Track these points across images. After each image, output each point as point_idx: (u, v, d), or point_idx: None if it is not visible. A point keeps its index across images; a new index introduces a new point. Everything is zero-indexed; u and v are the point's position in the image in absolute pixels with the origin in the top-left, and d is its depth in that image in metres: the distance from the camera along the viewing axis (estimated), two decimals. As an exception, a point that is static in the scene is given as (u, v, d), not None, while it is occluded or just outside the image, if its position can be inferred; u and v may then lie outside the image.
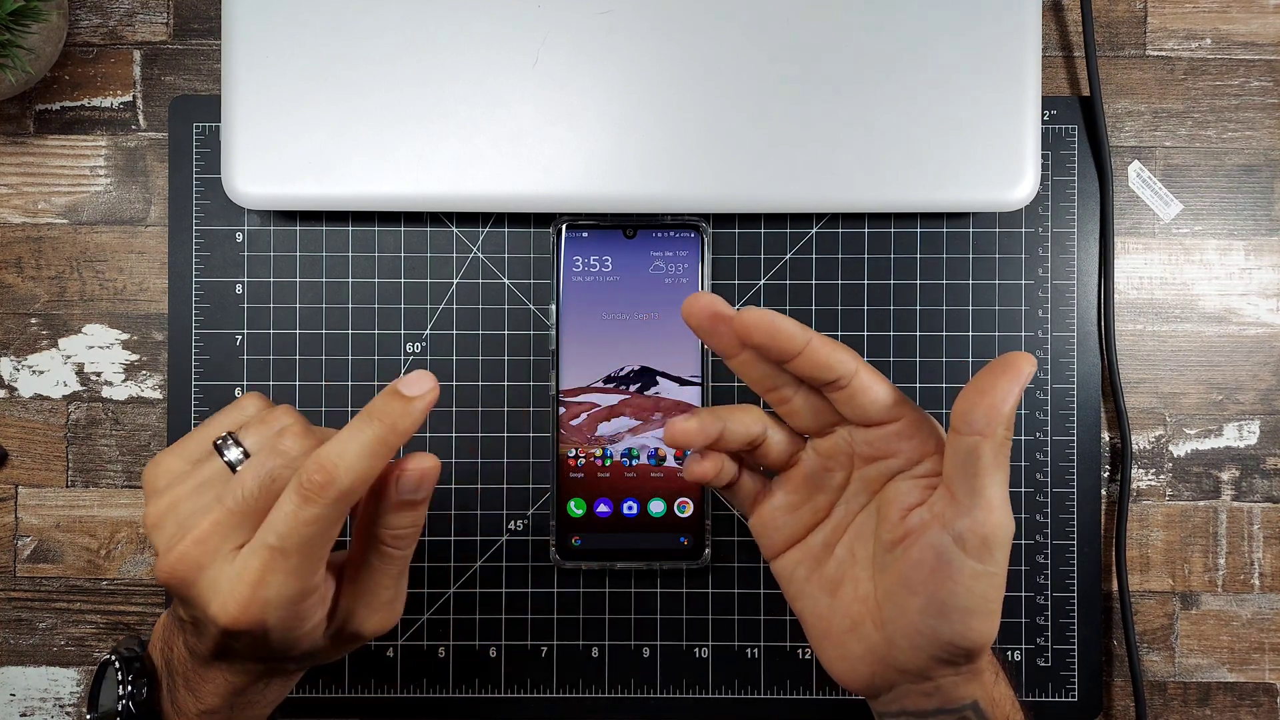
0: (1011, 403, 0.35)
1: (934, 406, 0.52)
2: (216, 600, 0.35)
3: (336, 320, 0.52)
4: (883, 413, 0.37)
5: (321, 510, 0.34)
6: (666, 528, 0.50)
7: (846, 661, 0.39)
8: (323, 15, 0.48)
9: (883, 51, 0.48)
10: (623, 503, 0.50)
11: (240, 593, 0.34)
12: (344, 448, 0.34)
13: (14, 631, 0.53)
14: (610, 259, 0.51)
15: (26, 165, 0.53)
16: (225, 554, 0.35)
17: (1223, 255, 0.53)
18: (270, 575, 0.34)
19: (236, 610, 0.35)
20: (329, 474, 0.34)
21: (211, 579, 0.35)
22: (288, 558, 0.34)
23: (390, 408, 0.35)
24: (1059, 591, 0.52)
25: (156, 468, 0.37)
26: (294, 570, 0.34)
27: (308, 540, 0.34)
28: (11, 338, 0.53)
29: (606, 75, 0.48)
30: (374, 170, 0.48)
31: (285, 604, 0.35)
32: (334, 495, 0.34)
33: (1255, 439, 0.53)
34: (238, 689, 0.39)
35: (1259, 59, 0.53)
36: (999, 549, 0.36)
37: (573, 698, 0.52)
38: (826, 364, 0.36)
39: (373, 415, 0.35)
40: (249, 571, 0.34)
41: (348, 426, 0.35)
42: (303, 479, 0.34)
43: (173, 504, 0.36)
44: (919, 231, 0.52)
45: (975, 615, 0.36)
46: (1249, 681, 0.53)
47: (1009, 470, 0.36)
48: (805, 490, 0.40)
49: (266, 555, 0.34)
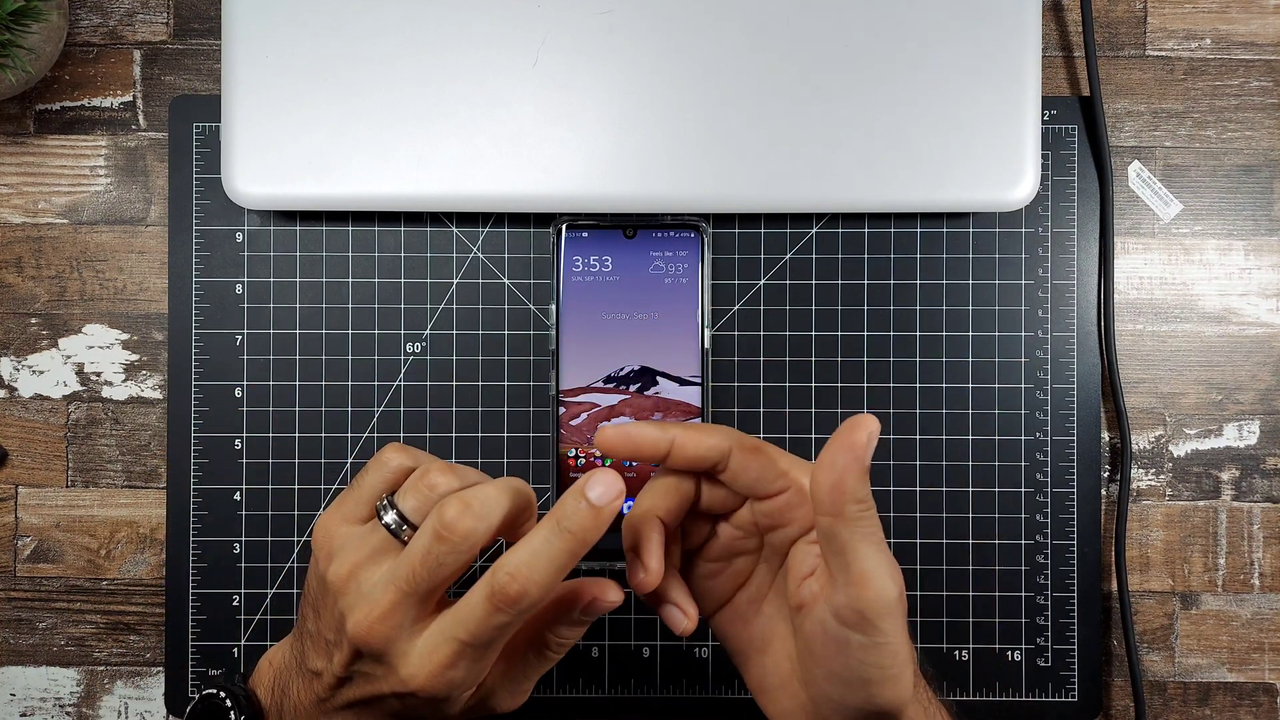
0: (852, 479, 0.35)
1: (934, 406, 0.52)
2: (407, 669, 0.37)
3: (336, 320, 0.52)
4: (768, 486, 0.38)
5: (511, 619, 0.36)
6: None
7: (783, 717, 0.40)
8: (323, 15, 0.48)
9: (883, 52, 0.48)
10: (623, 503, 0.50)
11: (430, 669, 0.37)
12: (535, 561, 0.35)
13: (14, 631, 0.53)
14: (610, 259, 0.51)
15: (26, 165, 0.53)
16: (409, 628, 0.37)
17: (1222, 255, 0.53)
18: (458, 661, 0.37)
19: (424, 681, 0.37)
20: (522, 588, 0.35)
21: (402, 650, 0.37)
22: (475, 651, 0.37)
23: (581, 519, 0.36)
24: (1059, 591, 0.52)
25: (325, 530, 0.40)
26: (481, 660, 0.37)
27: (496, 640, 0.37)
28: (11, 338, 0.53)
29: (606, 75, 0.48)
30: (374, 170, 0.48)
31: (469, 684, 0.38)
32: (526, 607, 0.36)
33: (1255, 439, 0.53)
34: None
35: (1259, 59, 0.53)
36: (881, 619, 0.35)
37: (573, 698, 0.52)
38: (695, 455, 0.38)
39: (563, 526, 0.36)
40: (439, 655, 0.37)
41: (538, 532, 0.36)
42: (495, 588, 0.35)
43: (353, 571, 0.38)
44: (919, 231, 0.52)
45: (874, 684, 0.36)
46: (1249, 681, 0.53)
47: (880, 535, 0.36)
48: (724, 558, 0.41)
49: (457, 647, 0.36)
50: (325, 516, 0.40)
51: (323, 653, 0.40)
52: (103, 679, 0.53)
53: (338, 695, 0.40)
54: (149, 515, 0.53)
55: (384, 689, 0.38)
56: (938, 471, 0.52)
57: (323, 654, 0.40)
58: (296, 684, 0.41)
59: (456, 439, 0.52)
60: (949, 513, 0.52)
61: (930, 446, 0.52)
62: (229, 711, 0.41)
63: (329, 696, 0.40)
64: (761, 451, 0.38)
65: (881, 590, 0.35)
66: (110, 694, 0.53)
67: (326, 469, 0.52)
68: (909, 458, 0.52)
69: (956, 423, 0.52)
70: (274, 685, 0.42)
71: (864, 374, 0.52)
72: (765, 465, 0.38)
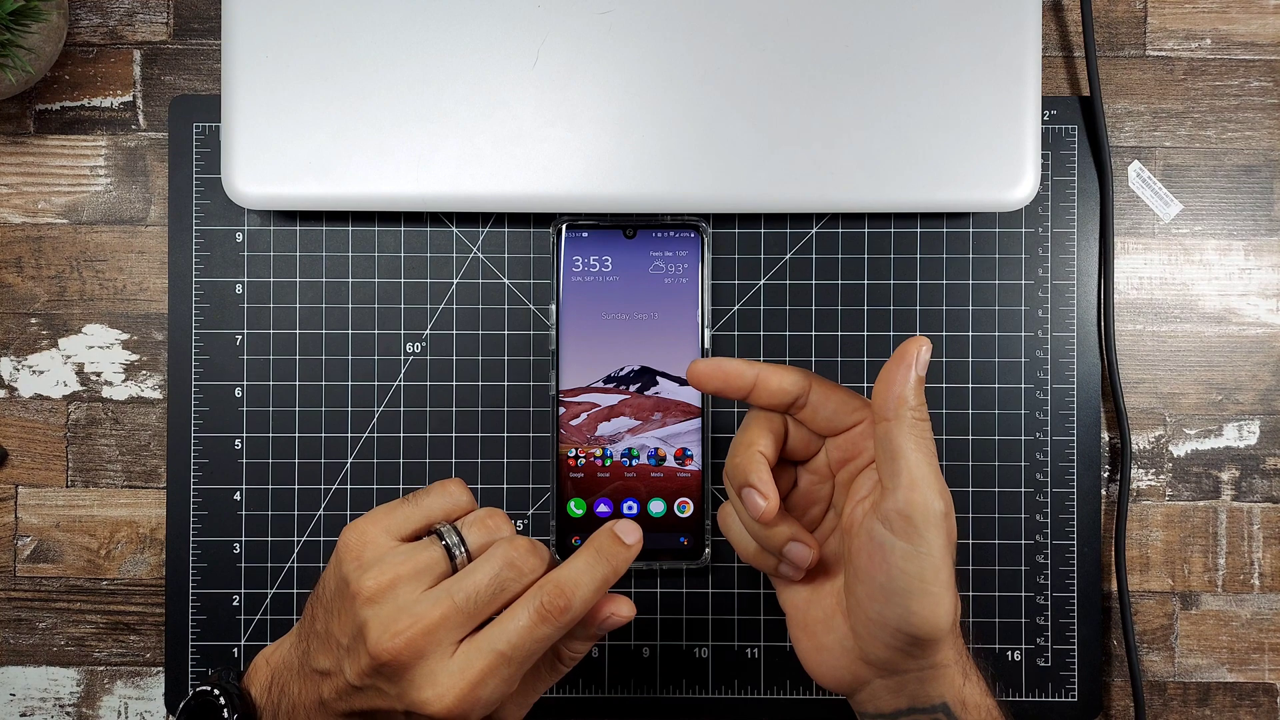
0: (906, 386, 0.38)
1: (934, 407, 0.52)
2: (432, 690, 0.37)
3: (336, 320, 0.52)
4: (845, 419, 0.41)
5: (553, 630, 0.37)
6: (666, 528, 0.50)
7: (820, 654, 0.41)
8: (323, 15, 0.48)
9: (882, 52, 0.48)
10: (622, 503, 0.50)
11: (460, 688, 0.36)
12: (580, 578, 0.38)
13: (14, 631, 0.53)
14: (610, 259, 0.51)
15: (26, 165, 0.53)
16: (446, 647, 0.37)
17: (1222, 255, 0.53)
18: (490, 678, 0.37)
19: (452, 702, 0.36)
20: (568, 600, 0.37)
21: (430, 669, 0.37)
22: (510, 665, 0.37)
23: (616, 552, 0.39)
24: (1059, 591, 0.52)
25: (363, 537, 0.39)
26: (511, 677, 0.37)
27: (532, 654, 0.37)
28: (11, 338, 0.53)
29: (606, 75, 0.48)
30: (374, 170, 0.48)
31: (494, 704, 0.38)
32: (568, 620, 0.37)
33: (1255, 439, 0.53)
34: None
35: (1259, 59, 0.53)
36: (927, 528, 0.37)
37: (573, 698, 0.52)
38: (780, 389, 0.40)
39: (602, 555, 0.39)
40: (472, 671, 0.37)
41: (580, 558, 0.39)
42: (544, 600, 0.37)
43: (393, 583, 0.38)
44: (919, 231, 0.52)
45: (912, 597, 0.38)
46: (1249, 681, 0.53)
47: (933, 450, 0.38)
48: (804, 507, 0.43)
49: (494, 660, 0.37)
50: (365, 522, 0.40)
51: (332, 656, 0.39)
52: (103, 679, 0.53)
53: (345, 701, 0.39)
54: (149, 515, 0.53)
55: (395, 707, 0.38)
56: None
57: (332, 657, 0.39)
58: (297, 683, 0.41)
59: (456, 439, 0.52)
60: (949, 513, 0.52)
61: (930, 446, 0.52)
62: (222, 709, 0.41)
63: (335, 700, 0.39)
64: (838, 387, 0.41)
65: (928, 496, 0.38)
66: (110, 694, 0.53)
67: (326, 469, 0.52)
68: (909, 458, 0.52)
69: (956, 423, 0.52)
70: (271, 684, 0.42)
71: (864, 374, 0.52)
72: (843, 398, 0.41)
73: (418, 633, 0.37)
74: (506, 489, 0.52)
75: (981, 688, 0.41)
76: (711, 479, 0.51)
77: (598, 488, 0.51)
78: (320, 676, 0.40)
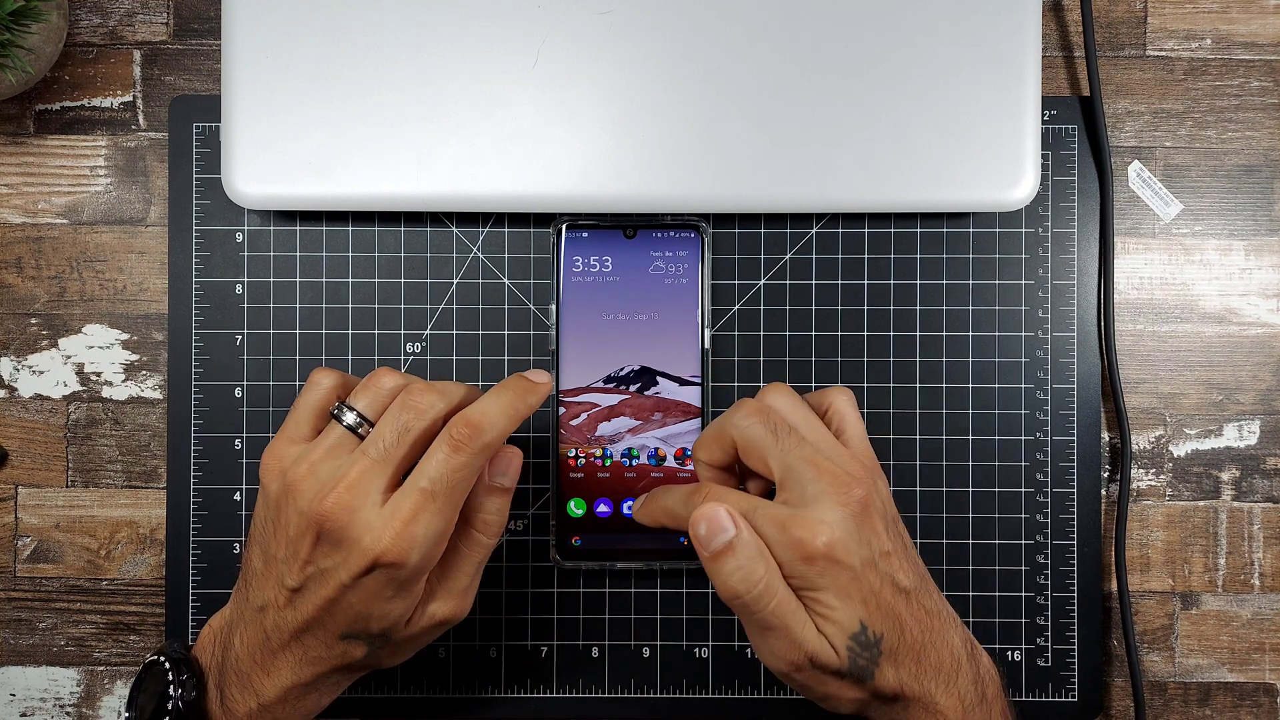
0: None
1: (934, 407, 0.52)
2: (369, 535, 0.39)
3: (336, 320, 0.52)
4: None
5: (468, 459, 0.40)
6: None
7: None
8: (323, 15, 0.48)
9: (883, 52, 0.48)
10: (623, 503, 0.50)
11: (394, 527, 0.39)
12: (487, 408, 0.41)
13: (14, 631, 0.53)
14: (610, 259, 0.51)
15: (26, 165, 0.53)
16: (373, 498, 0.40)
17: (1223, 255, 0.53)
18: (420, 514, 0.39)
19: (389, 542, 0.39)
20: (477, 426, 0.40)
21: (365, 519, 0.39)
22: (435, 500, 0.40)
23: (520, 385, 0.42)
24: (1059, 591, 0.52)
25: (272, 455, 0.42)
26: (439, 511, 0.40)
27: (454, 485, 0.40)
28: (11, 338, 0.53)
29: (606, 76, 0.48)
30: (374, 170, 0.48)
31: (429, 542, 0.40)
32: (479, 446, 0.40)
33: (1255, 439, 0.53)
34: (302, 683, 0.42)
35: (1259, 59, 0.53)
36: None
37: (573, 698, 0.52)
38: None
39: (508, 388, 0.42)
40: (402, 510, 0.39)
41: (488, 395, 0.41)
42: (454, 431, 0.40)
43: (310, 468, 0.41)
44: (919, 231, 0.52)
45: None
46: (1249, 681, 0.53)
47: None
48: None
49: (418, 497, 0.40)
50: (270, 446, 0.43)
51: (271, 578, 0.42)
52: (103, 679, 0.53)
53: (287, 618, 0.41)
54: (149, 515, 0.53)
55: (342, 578, 0.40)
56: (938, 471, 0.52)
57: (271, 579, 0.41)
58: (240, 633, 0.43)
59: (456, 439, 0.52)
60: (949, 513, 0.52)
61: (930, 446, 0.52)
62: (167, 673, 0.43)
63: (275, 629, 0.41)
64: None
65: (770, 661, 0.41)
66: (110, 694, 0.53)
67: (326, 469, 0.52)
68: (909, 458, 0.52)
69: (956, 423, 0.52)
70: (214, 644, 0.44)
71: (864, 374, 0.52)
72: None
73: (343, 490, 0.39)
74: (506, 489, 0.52)
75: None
76: None
77: (598, 488, 0.50)
78: (260, 613, 0.42)
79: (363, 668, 0.44)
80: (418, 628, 0.43)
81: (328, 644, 0.42)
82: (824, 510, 0.39)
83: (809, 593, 0.39)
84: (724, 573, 0.39)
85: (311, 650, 0.42)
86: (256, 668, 0.42)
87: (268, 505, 0.43)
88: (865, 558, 0.39)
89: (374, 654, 0.43)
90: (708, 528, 0.40)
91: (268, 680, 0.42)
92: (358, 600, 0.40)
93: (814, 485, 0.40)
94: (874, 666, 0.40)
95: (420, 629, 0.43)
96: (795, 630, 0.39)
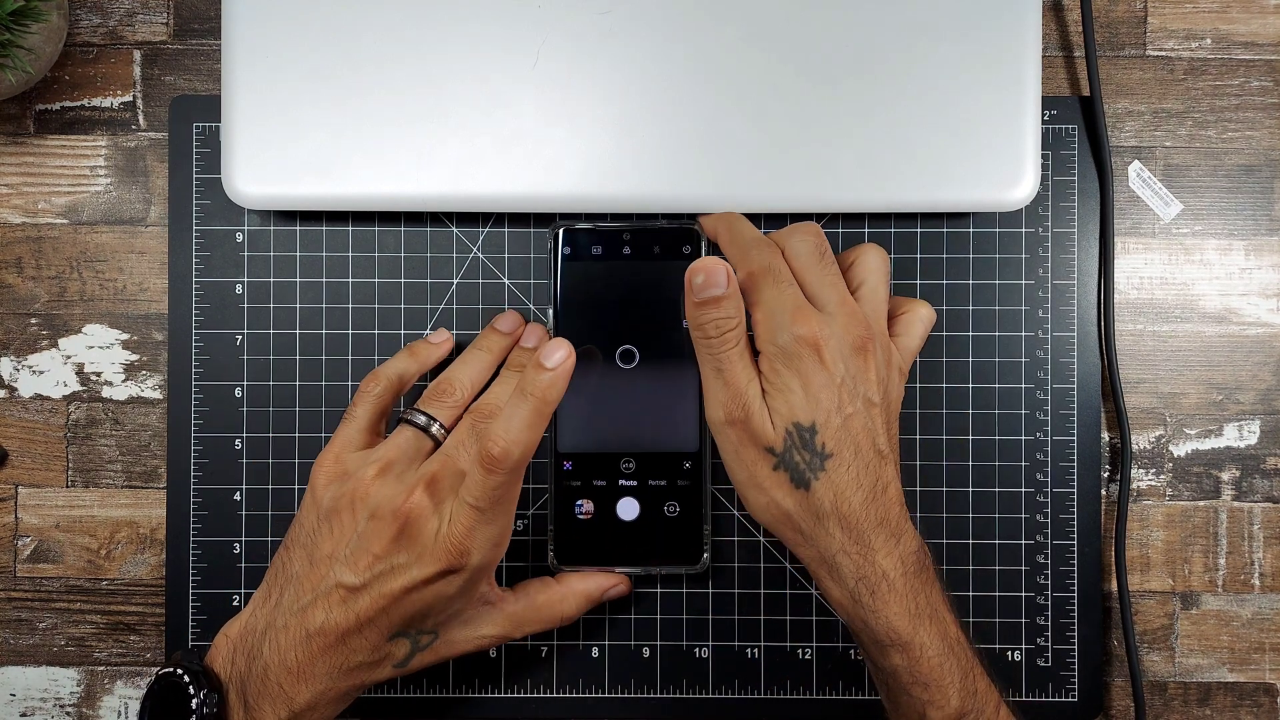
0: (690, 310, 0.44)
1: (934, 406, 0.52)
2: (437, 544, 0.42)
3: (336, 320, 0.52)
4: None
5: (503, 478, 0.42)
6: (665, 530, 0.50)
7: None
8: (323, 15, 0.48)
9: (882, 52, 0.48)
10: (618, 504, 0.50)
11: (456, 535, 0.42)
12: (510, 424, 0.42)
13: (14, 631, 0.53)
14: (607, 261, 0.50)
15: (26, 165, 0.53)
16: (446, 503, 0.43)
17: (1223, 255, 0.53)
18: (475, 527, 0.42)
19: (450, 550, 0.42)
20: (504, 449, 0.41)
21: (434, 526, 0.42)
22: (484, 513, 0.42)
23: (539, 381, 0.42)
24: (1059, 591, 0.52)
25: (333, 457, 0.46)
26: (490, 520, 0.42)
27: (497, 500, 0.42)
28: (11, 338, 0.53)
29: (606, 76, 0.48)
30: (374, 170, 0.48)
31: (486, 545, 0.43)
32: (512, 465, 0.42)
33: (1255, 439, 0.53)
34: (336, 692, 0.42)
35: (1259, 59, 0.53)
36: (715, 434, 0.44)
37: (573, 698, 0.52)
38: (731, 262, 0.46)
39: (527, 392, 0.42)
40: (459, 523, 0.42)
41: (510, 403, 0.42)
42: (482, 453, 0.41)
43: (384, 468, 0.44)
44: (919, 231, 0.52)
45: (739, 491, 0.44)
46: (1249, 681, 0.53)
47: (722, 364, 0.43)
48: None
49: (469, 510, 0.42)
50: (326, 451, 0.46)
51: (321, 578, 0.42)
52: (103, 679, 0.53)
53: (337, 617, 0.42)
54: (149, 515, 0.53)
55: (415, 575, 0.42)
56: (938, 471, 0.52)
57: (321, 579, 0.42)
58: (271, 640, 0.42)
59: (456, 439, 0.52)
60: (949, 513, 0.52)
61: (930, 446, 0.52)
62: (188, 686, 0.42)
63: (324, 627, 0.42)
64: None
65: (710, 410, 0.44)
66: (110, 694, 0.53)
67: (326, 469, 0.52)
68: (909, 458, 0.52)
69: (956, 423, 0.52)
70: (233, 655, 0.43)
71: (864, 374, 0.52)
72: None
73: (426, 488, 0.42)
74: (506, 489, 0.52)
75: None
76: (710, 480, 0.51)
77: (596, 489, 0.50)
78: (302, 615, 0.42)
79: (387, 678, 0.44)
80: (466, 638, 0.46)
81: (375, 645, 0.42)
82: (830, 326, 0.43)
83: (779, 368, 0.42)
84: (702, 316, 0.43)
85: (355, 654, 0.42)
86: (290, 675, 0.41)
87: (319, 509, 0.44)
88: (848, 384, 0.42)
89: (412, 656, 0.44)
90: (705, 279, 0.43)
91: (302, 687, 0.42)
92: (421, 598, 0.42)
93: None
94: (813, 476, 0.42)
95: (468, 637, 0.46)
96: (740, 382, 0.43)
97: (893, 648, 0.42)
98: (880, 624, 0.42)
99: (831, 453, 0.42)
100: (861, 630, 0.43)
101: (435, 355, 0.50)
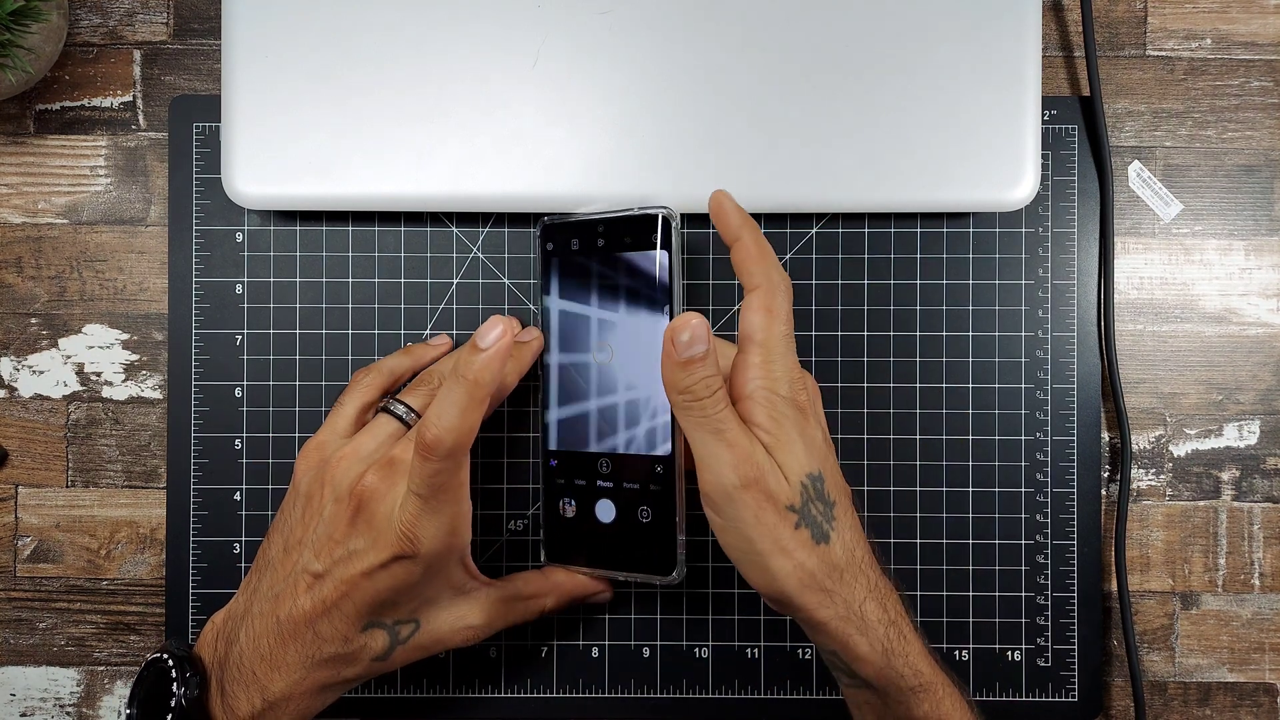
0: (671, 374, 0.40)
1: (933, 407, 0.52)
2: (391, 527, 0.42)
3: (336, 320, 0.52)
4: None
5: (439, 464, 0.40)
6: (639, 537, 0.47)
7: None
8: (323, 15, 0.48)
9: (882, 52, 0.48)
10: (597, 504, 0.50)
11: (405, 521, 0.41)
12: (443, 409, 0.40)
13: (14, 631, 0.53)
14: (588, 255, 0.48)
15: (26, 165, 0.53)
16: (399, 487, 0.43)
17: (1223, 255, 0.53)
18: (420, 515, 0.41)
19: (399, 537, 0.41)
20: (437, 435, 0.40)
21: (388, 510, 0.42)
22: (427, 500, 0.41)
23: (473, 365, 0.40)
24: (1059, 591, 0.52)
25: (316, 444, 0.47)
26: (435, 509, 0.41)
27: (438, 487, 0.41)
28: (11, 338, 0.53)
29: (606, 76, 0.48)
30: (374, 170, 0.48)
31: (437, 534, 0.42)
32: (444, 452, 0.40)
33: (1255, 439, 0.53)
34: (310, 685, 0.42)
35: (1259, 59, 0.53)
36: (727, 503, 0.40)
37: (573, 698, 0.52)
38: (739, 268, 0.42)
39: (460, 374, 0.41)
40: (407, 510, 0.41)
41: (445, 387, 0.41)
42: (417, 440, 0.41)
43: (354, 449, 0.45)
44: (919, 231, 0.52)
45: (741, 566, 0.41)
46: (1249, 681, 0.53)
47: (720, 425, 0.40)
48: None
49: (414, 499, 0.41)
50: (310, 440, 0.46)
51: (292, 563, 0.43)
52: (103, 679, 0.53)
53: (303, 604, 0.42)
54: (149, 515, 0.53)
55: (371, 561, 0.41)
56: (938, 471, 0.52)
57: (292, 565, 0.43)
58: (246, 627, 0.43)
59: (456, 439, 0.52)
60: (949, 513, 0.52)
61: (930, 446, 0.52)
62: (170, 670, 0.42)
63: (291, 614, 0.42)
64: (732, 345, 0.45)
65: (718, 474, 0.39)
66: (110, 694, 0.53)
67: (326, 469, 0.52)
68: (909, 458, 0.52)
69: (956, 423, 0.52)
70: (216, 639, 0.44)
71: (864, 374, 0.52)
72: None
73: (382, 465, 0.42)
74: (506, 489, 0.52)
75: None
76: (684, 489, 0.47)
77: (588, 490, 0.50)
78: (275, 602, 0.42)
79: (370, 672, 0.44)
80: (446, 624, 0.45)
81: (345, 635, 0.42)
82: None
83: (779, 419, 0.40)
84: (689, 378, 0.40)
85: (327, 644, 0.42)
86: (264, 662, 0.42)
87: (297, 494, 0.44)
88: (822, 423, 0.42)
89: (393, 649, 0.43)
90: (691, 336, 0.40)
91: (275, 676, 0.42)
92: (381, 584, 0.42)
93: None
94: (830, 528, 0.40)
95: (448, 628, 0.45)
96: (744, 442, 0.39)
97: (915, 693, 0.40)
98: (909, 669, 0.40)
99: (834, 500, 0.40)
100: (887, 686, 0.40)
101: (430, 355, 0.50)
